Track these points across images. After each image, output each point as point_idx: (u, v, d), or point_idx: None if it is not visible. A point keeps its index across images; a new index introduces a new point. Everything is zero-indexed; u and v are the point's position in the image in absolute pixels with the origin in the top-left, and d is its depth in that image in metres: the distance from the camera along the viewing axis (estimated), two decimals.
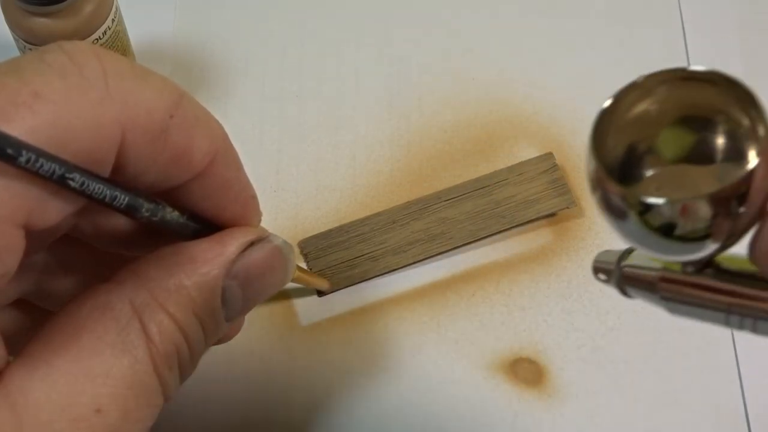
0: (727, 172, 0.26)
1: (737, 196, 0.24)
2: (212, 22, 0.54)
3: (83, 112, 0.26)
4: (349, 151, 0.50)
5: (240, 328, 0.35)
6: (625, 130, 0.27)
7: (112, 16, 0.46)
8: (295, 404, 0.44)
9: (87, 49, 0.27)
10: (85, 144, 0.26)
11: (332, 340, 0.45)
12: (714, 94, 0.26)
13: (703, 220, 0.24)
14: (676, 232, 0.25)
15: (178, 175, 0.30)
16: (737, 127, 0.26)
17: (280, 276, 0.33)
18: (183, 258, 0.30)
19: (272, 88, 0.52)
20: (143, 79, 0.28)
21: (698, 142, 0.27)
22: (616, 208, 0.25)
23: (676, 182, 0.27)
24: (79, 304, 0.29)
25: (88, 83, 0.26)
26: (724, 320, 0.27)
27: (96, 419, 0.27)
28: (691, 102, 0.27)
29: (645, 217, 0.25)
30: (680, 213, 0.24)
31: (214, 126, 0.30)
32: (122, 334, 0.28)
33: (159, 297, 0.29)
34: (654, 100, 0.27)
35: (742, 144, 0.26)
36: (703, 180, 0.27)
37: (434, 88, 0.52)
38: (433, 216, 0.48)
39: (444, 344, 0.45)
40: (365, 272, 0.46)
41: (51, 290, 0.33)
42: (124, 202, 0.28)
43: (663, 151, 0.27)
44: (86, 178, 0.26)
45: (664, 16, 0.54)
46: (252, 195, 0.33)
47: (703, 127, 0.27)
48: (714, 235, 0.25)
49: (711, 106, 0.26)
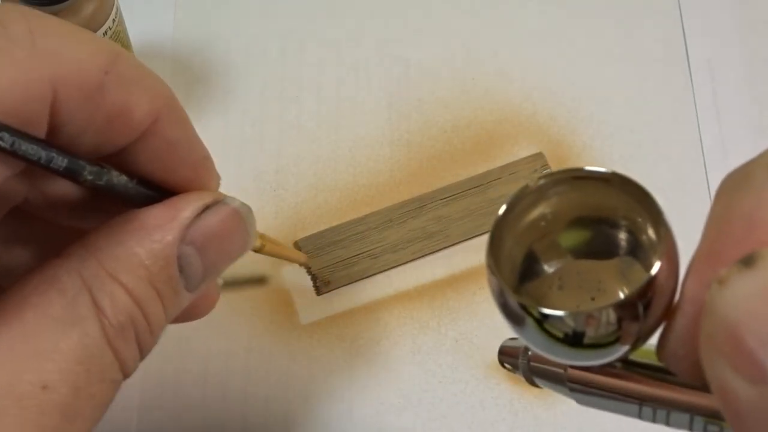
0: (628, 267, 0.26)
1: (642, 300, 0.24)
2: (212, 22, 0.54)
3: (8, 71, 0.25)
4: (349, 151, 0.50)
5: (213, 304, 0.34)
6: (521, 234, 0.27)
7: (113, 16, 0.46)
8: (295, 402, 0.44)
9: (12, 9, 0.27)
10: (13, 103, 0.25)
11: (332, 339, 0.45)
12: (610, 193, 0.26)
13: (610, 326, 0.24)
14: (584, 340, 0.24)
15: (119, 136, 0.29)
16: (636, 226, 0.26)
17: (240, 240, 0.32)
18: (134, 226, 0.29)
19: (272, 88, 0.52)
20: (74, 37, 0.27)
21: (596, 239, 0.27)
22: (519, 318, 0.25)
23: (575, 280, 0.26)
24: (26, 279, 0.28)
25: (12, 42, 0.26)
26: (636, 412, 0.26)
27: (43, 396, 0.26)
28: (586, 202, 0.26)
29: (548, 328, 0.24)
30: (586, 322, 0.24)
31: (155, 84, 0.29)
32: (69, 308, 0.27)
33: (109, 267, 0.28)
34: (548, 203, 0.27)
35: (642, 242, 0.26)
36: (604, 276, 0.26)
37: (434, 88, 0.52)
38: (430, 214, 0.48)
39: (444, 343, 0.45)
40: (364, 270, 0.46)
41: (5, 267, 0.32)
42: (63, 164, 0.27)
43: (561, 248, 0.27)
44: (17, 137, 0.26)
45: (664, 16, 0.54)
46: (205, 156, 0.31)
47: (600, 225, 0.26)
48: (623, 339, 0.24)
49: (608, 206, 0.26)
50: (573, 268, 0.27)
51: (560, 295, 0.27)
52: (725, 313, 0.20)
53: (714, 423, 0.25)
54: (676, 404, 0.25)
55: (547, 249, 0.27)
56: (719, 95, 0.51)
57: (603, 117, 0.51)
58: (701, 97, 0.51)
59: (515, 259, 0.27)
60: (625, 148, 0.50)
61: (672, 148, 0.50)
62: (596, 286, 0.26)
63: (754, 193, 0.22)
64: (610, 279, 0.26)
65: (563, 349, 0.24)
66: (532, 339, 0.25)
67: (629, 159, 0.49)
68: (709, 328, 0.20)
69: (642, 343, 0.25)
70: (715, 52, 0.53)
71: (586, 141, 0.50)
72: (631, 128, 0.50)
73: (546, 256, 0.27)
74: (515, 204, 0.26)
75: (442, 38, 0.53)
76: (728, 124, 0.50)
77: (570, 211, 0.27)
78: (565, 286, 0.26)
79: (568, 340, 0.24)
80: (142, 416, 0.44)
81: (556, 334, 0.24)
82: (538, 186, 0.26)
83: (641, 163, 0.49)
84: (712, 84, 0.52)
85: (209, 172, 0.31)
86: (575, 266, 0.27)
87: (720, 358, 0.20)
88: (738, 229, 0.22)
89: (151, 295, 0.29)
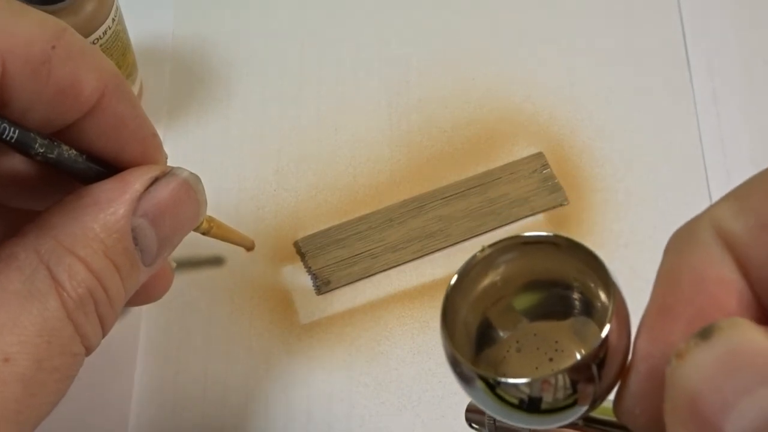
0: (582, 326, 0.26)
1: (596, 362, 0.24)
2: (212, 22, 0.54)
3: None
4: (349, 151, 0.50)
5: (168, 286, 0.35)
6: (474, 302, 0.27)
7: (113, 16, 0.46)
8: (295, 402, 0.44)
9: None
10: None
11: (332, 338, 0.45)
12: (558, 257, 0.26)
13: (567, 390, 0.24)
14: (542, 406, 0.24)
15: (67, 111, 0.29)
16: (585, 287, 0.26)
17: (191, 210, 0.32)
18: (86, 201, 0.29)
19: (272, 88, 0.52)
20: (20, 13, 0.28)
21: (549, 301, 0.27)
22: (474, 387, 0.25)
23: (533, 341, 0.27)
24: None
25: None
26: None
27: (5, 368, 0.27)
28: (535, 267, 0.27)
29: (504, 396, 0.25)
30: (541, 388, 0.24)
31: (101, 60, 0.30)
32: (28, 283, 0.28)
33: (65, 242, 0.28)
34: (498, 271, 0.27)
35: (594, 306, 0.26)
36: (560, 335, 0.27)
37: (434, 88, 0.52)
38: (430, 214, 0.48)
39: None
40: (365, 269, 0.46)
41: None
42: (14, 135, 0.28)
43: (516, 311, 0.27)
44: None
45: (664, 16, 0.54)
46: (152, 133, 0.32)
47: (552, 287, 0.27)
48: (580, 400, 0.24)
49: (557, 270, 0.26)
50: (529, 330, 0.27)
51: (519, 357, 0.27)
52: (685, 386, 0.21)
53: None
54: None
55: (502, 313, 0.27)
56: (719, 95, 0.51)
57: (603, 117, 0.51)
58: (701, 97, 0.51)
59: (470, 327, 0.27)
60: (625, 148, 0.50)
61: (672, 148, 0.50)
62: (553, 347, 0.27)
63: (701, 249, 0.23)
64: (566, 338, 0.26)
65: (521, 416, 0.25)
66: (491, 407, 0.25)
67: (629, 159, 0.49)
68: (672, 400, 0.21)
69: (600, 403, 0.25)
70: (715, 52, 0.53)
71: (586, 141, 0.50)
72: (631, 128, 0.50)
73: (501, 321, 0.27)
74: (465, 273, 0.27)
75: (442, 38, 0.53)
76: (728, 124, 0.50)
77: (521, 276, 0.27)
78: (522, 349, 0.27)
79: (525, 406, 0.24)
80: (140, 413, 0.44)
81: (512, 401, 0.24)
82: (486, 255, 0.27)
83: (641, 163, 0.49)
84: (712, 84, 0.52)
85: (157, 149, 0.32)
86: (531, 328, 0.27)
87: (682, 428, 0.21)
88: (687, 285, 0.23)
89: (109, 268, 0.29)
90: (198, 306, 0.46)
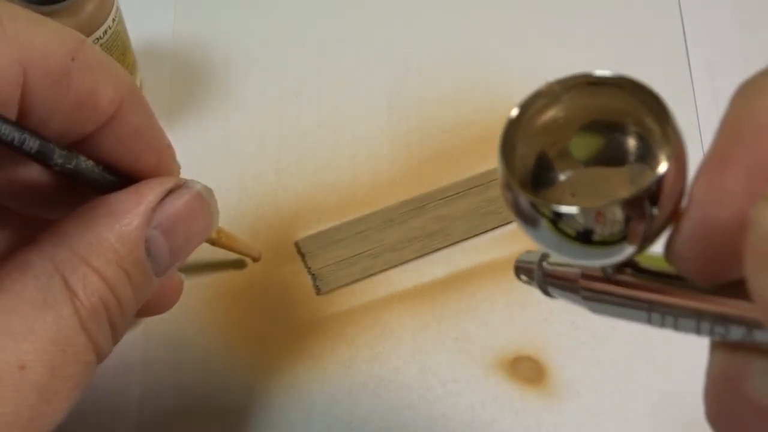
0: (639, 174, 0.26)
1: (650, 199, 0.24)
2: (212, 22, 0.54)
3: None
4: (349, 151, 0.50)
5: (177, 298, 0.35)
6: (533, 138, 0.27)
7: (113, 16, 0.46)
8: (295, 402, 0.44)
9: None
10: None
11: (332, 338, 0.45)
12: (622, 98, 0.26)
13: (618, 224, 0.24)
14: (592, 237, 0.24)
15: (85, 123, 0.29)
16: (647, 131, 0.26)
17: (204, 222, 0.33)
18: (102, 211, 0.30)
19: (272, 88, 0.52)
20: (41, 24, 0.28)
21: (608, 146, 0.27)
22: (529, 216, 0.25)
23: (588, 188, 0.27)
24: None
25: None
26: (646, 318, 0.27)
27: (20, 376, 0.27)
28: (599, 107, 0.26)
29: (558, 225, 0.25)
30: (594, 219, 0.24)
31: (119, 72, 0.30)
32: (43, 291, 0.28)
33: (80, 252, 0.29)
34: (561, 107, 0.27)
35: (652, 148, 0.26)
36: (616, 183, 0.26)
37: (434, 88, 0.52)
38: (431, 213, 0.48)
39: (444, 342, 0.45)
40: (365, 269, 0.46)
41: None
42: (35, 146, 0.28)
43: (573, 156, 0.27)
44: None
45: (664, 16, 0.54)
46: (167, 144, 0.32)
47: (612, 131, 0.26)
48: (630, 238, 0.24)
49: (619, 111, 0.26)
50: (584, 176, 0.27)
51: (573, 201, 0.26)
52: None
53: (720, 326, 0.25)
54: (683, 309, 0.26)
55: (559, 156, 0.27)
56: (719, 95, 0.51)
57: None
58: (701, 97, 0.51)
59: (527, 164, 0.27)
60: None
61: None
62: (608, 194, 0.26)
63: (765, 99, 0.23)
64: (622, 187, 0.26)
65: (572, 247, 0.25)
66: (542, 238, 0.25)
67: None
68: (754, 240, 0.21)
69: (649, 245, 0.25)
70: (715, 52, 0.53)
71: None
72: None
73: (558, 162, 0.27)
74: (527, 107, 0.26)
75: (442, 38, 0.53)
76: None
77: (581, 117, 0.27)
78: (577, 194, 0.27)
79: (578, 237, 0.24)
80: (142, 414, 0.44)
81: (566, 231, 0.24)
82: (551, 90, 0.26)
83: None
84: (712, 84, 0.52)
85: (171, 160, 0.32)
86: (587, 174, 0.27)
87: (764, 269, 0.21)
88: (750, 134, 0.23)
89: (122, 278, 0.30)
90: (198, 306, 0.46)
